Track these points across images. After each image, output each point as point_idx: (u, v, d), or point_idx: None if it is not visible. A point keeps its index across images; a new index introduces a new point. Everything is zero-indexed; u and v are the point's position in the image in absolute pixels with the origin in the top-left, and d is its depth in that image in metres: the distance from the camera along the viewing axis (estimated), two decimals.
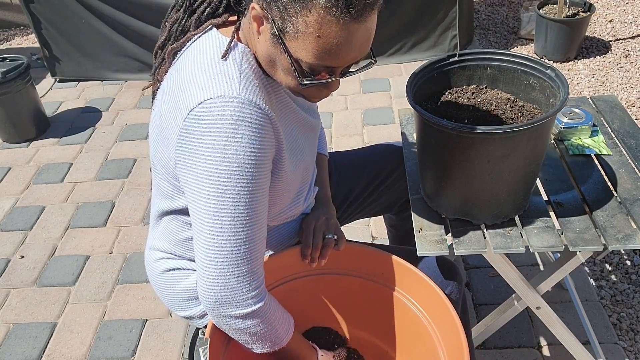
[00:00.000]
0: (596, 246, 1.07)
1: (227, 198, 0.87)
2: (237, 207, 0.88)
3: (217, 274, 0.90)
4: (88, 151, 2.84)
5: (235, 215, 0.88)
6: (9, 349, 1.85)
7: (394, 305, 1.16)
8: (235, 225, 0.89)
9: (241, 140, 0.85)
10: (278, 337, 0.99)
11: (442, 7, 3.06)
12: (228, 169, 0.86)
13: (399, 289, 1.14)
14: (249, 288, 0.92)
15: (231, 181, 0.86)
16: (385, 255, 1.13)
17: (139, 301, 1.97)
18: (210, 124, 0.85)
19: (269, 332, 0.97)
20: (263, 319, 0.95)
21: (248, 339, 0.98)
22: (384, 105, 2.94)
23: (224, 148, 0.85)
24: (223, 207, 0.88)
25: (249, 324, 0.95)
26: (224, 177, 0.86)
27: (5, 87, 2.75)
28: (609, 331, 1.67)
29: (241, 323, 0.94)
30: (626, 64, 3.03)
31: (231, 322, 0.95)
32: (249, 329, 0.95)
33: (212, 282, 0.91)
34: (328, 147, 2.65)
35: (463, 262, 1.97)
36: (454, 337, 0.99)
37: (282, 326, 1.00)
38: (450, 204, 1.13)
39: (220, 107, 0.85)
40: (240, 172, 0.87)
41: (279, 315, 0.99)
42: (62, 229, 2.33)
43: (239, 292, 0.92)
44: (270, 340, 0.98)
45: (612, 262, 1.92)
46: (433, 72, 1.17)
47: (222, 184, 0.87)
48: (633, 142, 1.32)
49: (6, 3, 4.21)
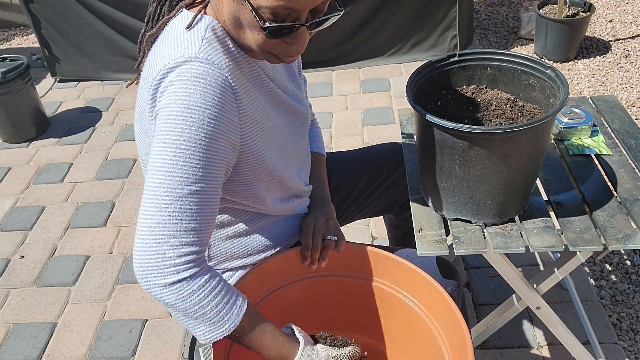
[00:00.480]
0: (596, 246, 1.07)
1: (169, 150, 0.85)
2: (178, 161, 0.85)
3: (145, 233, 0.85)
4: (88, 151, 2.84)
5: (174, 170, 0.85)
6: (9, 349, 1.85)
7: (395, 305, 1.15)
8: (172, 180, 0.84)
9: (193, 95, 0.85)
10: (217, 319, 0.88)
11: (442, 7, 3.06)
12: (175, 121, 0.85)
13: (400, 288, 1.14)
14: (174, 254, 0.84)
15: (177, 134, 0.85)
16: (385, 255, 1.13)
17: (139, 301, 1.97)
18: (169, 84, 0.86)
19: (203, 312, 0.87)
20: (191, 293, 0.85)
21: (181, 318, 0.88)
22: (384, 105, 2.94)
23: (175, 102, 0.85)
24: (164, 160, 0.85)
25: (174, 298, 0.85)
26: (170, 129, 0.85)
27: (5, 87, 2.75)
28: (609, 331, 1.67)
29: (166, 295, 0.85)
30: (626, 64, 3.03)
31: (157, 294, 0.85)
32: (176, 304, 0.86)
33: (139, 244, 0.85)
34: (328, 147, 2.65)
35: (463, 262, 1.97)
36: (457, 332, 0.99)
37: (224, 307, 0.88)
38: (450, 204, 1.13)
39: (179, 67, 0.86)
40: (187, 126, 0.85)
41: (221, 295, 0.88)
42: (62, 229, 2.33)
43: (162, 256, 0.84)
44: (208, 323, 0.87)
45: (612, 262, 1.92)
46: (433, 72, 1.17)
47: (167, 136, 0.85)
48: (633, 142, 1.32)
49: (6, 3, 4.21)
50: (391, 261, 1.12)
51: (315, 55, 3.24)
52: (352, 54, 3.27)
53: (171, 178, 0.85)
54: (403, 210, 1.50)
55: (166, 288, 0.85)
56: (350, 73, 3.27)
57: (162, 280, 0.85)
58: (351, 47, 3.24)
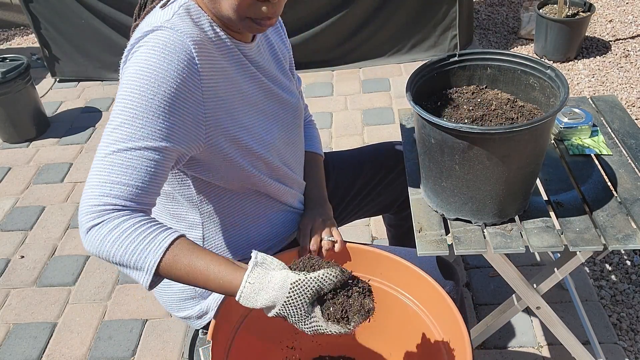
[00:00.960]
0: (596, 246, 1.07)
1: (118, 108, 0.86)
2: (124, 118, 0.85)
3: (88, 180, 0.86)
4: (88, 151, 2.84)
5: (117, 126, 0.85)
6: (9, 349, 1.85)
7: (394, 304, 1.15)
8: (113, 135, 0.85)
9: (151, 59, 0.86)
10: (136, 258, 0.83)
11: (442, 7, 3.06)
12: (129, 81, 0.86)
13: (398, 287, 1.14)
14: (93, 202, 0.84)
15: (128, 93, 0.86)
16: (383, 255, 1.13)
17: (139, 301, 1.97)
18: (134, 52, 0.89)
19: (121, 254, 0.83)
20: (103, 236, 0.83)
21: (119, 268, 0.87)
22: (384, 105, 2.94)
23: (134, 65, 0.87)
24: (113, 117, 0.86)
25: (91, 244, 0.84)
26: (123, 89, 0.87)
27: (5, 87, 2.75)
28: (609, 331, 1.67)
29: (87, 243, 0.85)
30: (626, 64, 3.03)
31: (84, 243, 0.85)
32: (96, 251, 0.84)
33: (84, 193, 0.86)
34: (328, 147, 2.65)
35: (463, 262, 1.97)
36: (455, 332, 0.99)
37: (140, 244, 0.83)
38: (450, 204, 1.13)
39: (145, 37, 0.89)
40: (138, 86, 0.85)
41: (137, 233, 0.83)
42: (62, 229, 2.33)
43: (86, 204, 0.84)
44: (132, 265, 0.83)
45: (612, 262, 1.92)
46: (433, 72, 1.17)
47: (120, 96, 0.87)
48: (633, 142, 1.32)
49: (6, 3, 4.21)
50: (389, 261, 1.12)
51: (315, 55, 3.24)
52: (352, 54, 3.27)
53: (114, 133, 0.85)
54: (402, 209, 1.50)
55: (85, 235, 0.85)
56: (350, 73, 3.27)
57: (82, 228, 0.85)
58: (351, 47, 3.24)
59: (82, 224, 0.84)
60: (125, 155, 0.85)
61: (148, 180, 0.86)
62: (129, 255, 0.83)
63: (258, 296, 0.83)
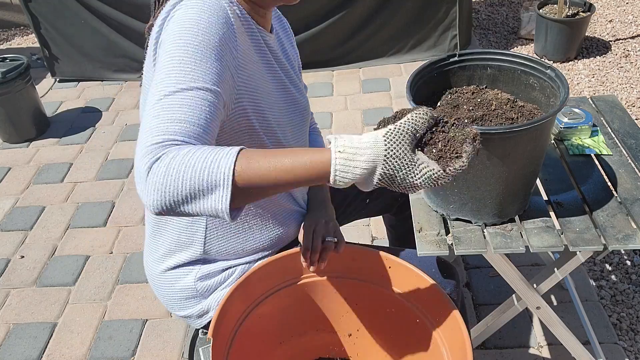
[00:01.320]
0: (596, 246, 1.07)
1: (167, 58, 0.83)
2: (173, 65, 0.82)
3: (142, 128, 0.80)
4: (88, 151, 2.84)
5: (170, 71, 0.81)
6: (9, 349, 1.85)
7: (394, 306, 1.15)
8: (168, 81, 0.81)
9: (194, 15, 0.85)
10: (208, 179, 0.74)
11: (442, 7, 3.06)
12: (174, 35, 0.84)
13: (399, 289, 1.14)
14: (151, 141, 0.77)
15: (175, 43, 0.83)
16: (383, 256, 1.13)
17: (139, 301, 1.96)
18: (172, 15, 0.87)
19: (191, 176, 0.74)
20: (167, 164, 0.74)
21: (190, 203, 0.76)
22: (384, 105, 2.94)
23: (177, 23, 0.85)
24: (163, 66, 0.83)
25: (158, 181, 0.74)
26: (169, 43, 0.84)
27: (5, 87, 2.75)
28: (609, 331, 1.67)
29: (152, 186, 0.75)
30: (626, 64, 3.03)
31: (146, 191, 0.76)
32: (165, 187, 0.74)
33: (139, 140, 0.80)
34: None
35: (463, 262, 1.97)
36: (456, 333, 0.99)
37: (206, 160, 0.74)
38: (450, 204, 1.13)
39: (184, 1, 0.88)
40: (184, 36, 0.84)
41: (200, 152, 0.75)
42: (62, 229, 2.33)
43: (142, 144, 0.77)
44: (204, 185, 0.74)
45: (612, 262, 1.92)
46: (433, 72, 1.17)
47: (165, 50, 0.84)
48: (633, 142, 1.32)
49: (6, 3, 4.21)
50: (390, 262, 1.12)
51: (315, 55, 3.24)
52: (352, 54, 3.27)
53: (163, 82, 0.81)
54: (402, 210, 1.50)
55: (146, 178, 0.75)
56: (350, 73, 3.27)
57: (141, 170, 0.76)
58: (351, 47, 3.24)
59: (140, 167, 0.75)
60: (179, 95, 0.80)
61: (204, 118, 0.80)
62: (199, 174, 0.73)
63: (354, 162, 0.75)
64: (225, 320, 1.03)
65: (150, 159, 0.75)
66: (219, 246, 1.13)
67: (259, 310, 1.12)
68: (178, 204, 0.75)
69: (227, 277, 1.16)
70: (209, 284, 1.14)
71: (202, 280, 1.14)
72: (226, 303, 1.03)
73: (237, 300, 1.06)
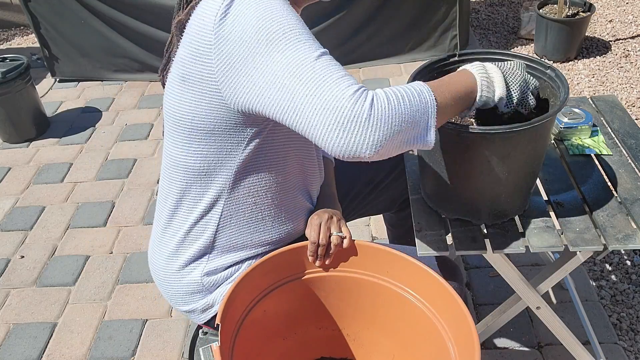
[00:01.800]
0: (596, 246, 1.07)
1: (277, 42, 0.84)
2: (290, 43, 0.84)
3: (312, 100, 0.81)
4: (88, 151, 2.84)
5: (294, 49, 0.83)
6: (9, 349, 1.85)
7: (399, 302, 1.15)
8: (299, 55, 0.83)
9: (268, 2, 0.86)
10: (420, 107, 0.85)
11: (442, 7, 3.07)
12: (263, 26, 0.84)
13: (405, 286, 1.13)
14: (347, 92, 0.80)
15: (274, 31, 0.84)
16: (391, 252, 1.12)
17: (139, 301, 1.97)
18: (238, 7, 0.86)
19: (410, 106, 0.84)
20: (388, 104, 0.82)
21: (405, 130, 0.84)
22: None
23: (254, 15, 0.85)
24: (279, 50, 0.84)
25: (384, 119, 0.81)
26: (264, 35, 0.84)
27: (5, 87, 2.75)
28: (609, 331, 1.67)
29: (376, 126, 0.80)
30: (626, 64, 3.04)
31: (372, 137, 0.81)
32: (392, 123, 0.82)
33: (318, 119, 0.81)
34: None
35: (463, 262, 1.97)
36: (463, 326, 0.99)
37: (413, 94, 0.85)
38: (450, 204, 1.13)
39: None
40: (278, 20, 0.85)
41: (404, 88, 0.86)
42: (62, 229, 2.33)
43: (339, 99, 0.80)
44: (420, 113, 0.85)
45: (612, 262, 1.92)
46: (433, 72, 1.17)
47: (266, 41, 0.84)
48: (633, 142, 1.32)
49: (6, 3, 4.21)
50: (397, 258, 1.12)
51: None
52: (352, 54, 3.27)
53: (300, 50, 0.83)
54: (402, 209, 1.50)
55: (369, 119, 0.80)
56: (350, 73, 3.27)
57: (358, 115, 0.79)
58: (351, 47, 3.24)
59: (352, 112, 0.79)
60: (325, 57, 0.85)
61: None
62: (415, 106, 0.84)
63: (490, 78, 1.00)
64: (230, 311, 1.02)
65: (365, 102, 0.80)
66: (230, 235, 1.12)
67: (264, 304, 1.12)
68: (400, 132, 0.83)
69: (234, 272, 1.16)
70: (215, 279, 1.15)
71: (208, 275, 1.14)
72: (232, 293, 1.02)
73: (242, 292, 1.06)
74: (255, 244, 1.15)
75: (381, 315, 1.20)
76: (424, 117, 0.86)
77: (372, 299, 1.19)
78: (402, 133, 0.84)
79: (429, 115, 0.87)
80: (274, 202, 1.13)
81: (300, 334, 1.23)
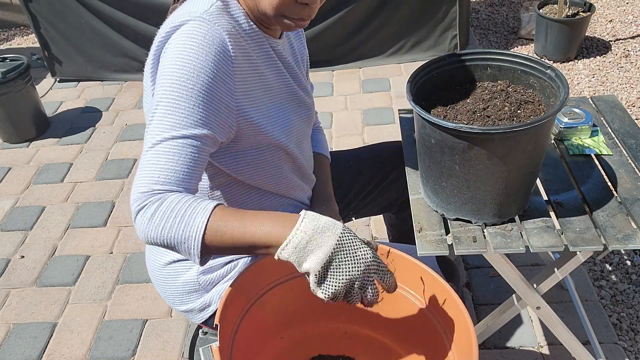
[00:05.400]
0: (596, 246, 1.07)
1: (162, 99, 0.90)
2: (167, 108, 0.89)
3: (138, 172, 0.90)
4: (88, 151, 2.84)
5: (163, 116, 0.89)
6: (9, 349, 1.85)
7: (396, 298, 1.15)
8: (161, 125, 0.89)
9: (189, 51, 0.90)
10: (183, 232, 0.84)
11: (442, 7, 3.07)
12: (170, 74, 0.90)
13: (402, 284, 1.13)
14: (141, 189, 0.87)
15: (169, 85, 0.90)
16: (386, 249, 1.12)
17: (139, 301, 1.97)
18: (171, 42, 0.93)
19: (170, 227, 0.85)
20: (151, 214, 0.85)
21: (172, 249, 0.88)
22: (384, 105, 2.94)
23: (173, 57, 0.91)
24: (157, 108, 0.90)
25: (142, 226, 0.86)
26: (165, 81, 0.90)
27: (5, 87, 2.75)
28: (609, 331, 1.67)
29: (138, 227, 0.87)
30: (626, 64, 3.03)
31: (137, 230, 0.88)
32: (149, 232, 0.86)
33: (133, 184, 0.89)
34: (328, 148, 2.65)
35: (463, 262, 1.97)
36: (461, 326, 0.99)
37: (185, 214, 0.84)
38: (450, 204, 1.13)
39: (183, 26, 0.93)
40: (178, 79, 0.90)
41: (181, 204, 0.85)
42: (62, 229, 2.33)
43: (135, 190, 0.88)
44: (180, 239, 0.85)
45: (612, 262, 1.92)
46: (433, 72, 1.17)
47: (161, 88, 0.91)
48: (633, 142, 1.32)
49: (6, 3, 4.21)
50: (394, 256, 1.11)
51: (315, 55, 3.24)
52: (352, 54, 3.27)
53: (159, 125, 0.90)
54: (403, 209, 1.50)
55: (135, 222, 0.88)
56: (350, 73, 3.27)
57: (132, 215, 0.88)
58: (351, 47, 3.24)
59: (132, 211, 0.89)
60: (171, 143, 0.89)
61: (192, 166, 0.90)
62: (176, 230, 0.84)
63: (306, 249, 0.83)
64: (229, 311, 1.02)
65: (137, 206, 0.87)
66: None
67: (262, 302, 1.12)
68: (158, 245, 0.88)
69: (230, 270, 1.16)
70: (211, 277, 1.15)
71: (204, 273, 1.14)
72: (230, 294, 1.02)
73: (240, 292, 1.06)
74: None
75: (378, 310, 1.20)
76: (185, 248, 0.86)
77: None
78: (162, 244, 0.87)
79: (191, 250, 0.85)
80: (262, 205, 1.13)
81: (297, 332, 1.23)
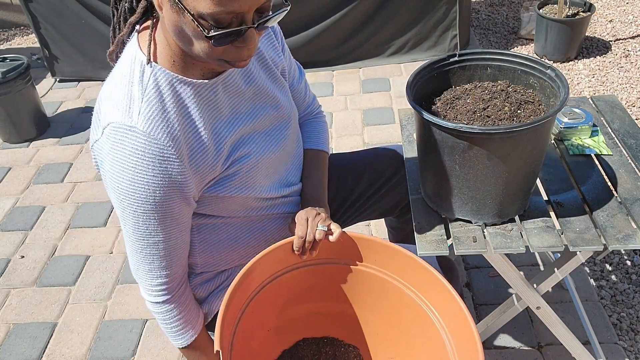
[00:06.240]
0: (596, 246, 1.07)
1: (128, 212, 0.95)
2: (137, 222, 0.96)
3: (131, 264, 1.07)
4: (88, 151, 2.84)
5: (135, 228, 0.98)
6: (9, 349, 1.85)
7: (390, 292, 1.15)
8: (136, 235, 0.99)
9: (134, 168, 0.90)
10: (172, 336, 1.12)
11: (442, 7, 3.06)
12: (125, 189, 0.92)
13: (401, 278, 1.13)
14: (150, 284, 1.06)
15: (129, 201, 0.94)
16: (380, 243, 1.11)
17: (139, 301, 1.96)
18: (113, 146, 0.90)
19: (164, 328, 1.11)
20: (157, 313, 1.09)
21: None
22: (384, 105, 2.94)
23: (121, 171, 0.91)
24: (126, 217, 0.97)
25: (150, 309, 1.11)
26: (123, 196, 0.93)
27: (5, 87, 2.75)
28: (609, 331, 1.67)
29: (148, 305, 1.11)
30: (626, 64, 3.03)
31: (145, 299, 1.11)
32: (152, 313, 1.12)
33: (131, 267, 1.08)
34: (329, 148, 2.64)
35: (463, 262, 1.97)
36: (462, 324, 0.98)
37: (177, 331, 1.11)
38: (450, 204, 1.13)
39: (120, 134, 0.90)
40: (135, 195, 0.92)
41: (177, 322, 1.10)
42: (62, 229, 2.33)
43: (143, 284, 1.07)
44: (168, 334, 1.12)
45: (612, 262, 1.92)
46: (433, 72, 1.17)
47: (122, 200, 0.94)
48: (633, 142, 1.32)
49: (6, 3, 4.21)
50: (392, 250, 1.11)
51: (315, 55, 3.24)
52: (352, 54, 3.27)
53: (135, 234, 0.99)
54: (404, 213, 1.49)
55: (146, 301, 1.10)
56: (350, 73, 3.27)
57: (144, 296, 1.10)
58: (351, 47, 3.24)
59: (143, 292, 1.10)
60: (157, 247, 1.00)
61: (180, 256, 1.05)
62: (169, 332, 1.12)
63: None
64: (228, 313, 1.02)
65: (151, 298, 1.09)
66: (207, 257, 1.14)
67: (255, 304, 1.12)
68: None
69: (225, 278, 1.17)
70: (207, 287, 1.17)
71: (200, 285, 1.17)
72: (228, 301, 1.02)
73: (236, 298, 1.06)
74: (235, 259, 1.18)
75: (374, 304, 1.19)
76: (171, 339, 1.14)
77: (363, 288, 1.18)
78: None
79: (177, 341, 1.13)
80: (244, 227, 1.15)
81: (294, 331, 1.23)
